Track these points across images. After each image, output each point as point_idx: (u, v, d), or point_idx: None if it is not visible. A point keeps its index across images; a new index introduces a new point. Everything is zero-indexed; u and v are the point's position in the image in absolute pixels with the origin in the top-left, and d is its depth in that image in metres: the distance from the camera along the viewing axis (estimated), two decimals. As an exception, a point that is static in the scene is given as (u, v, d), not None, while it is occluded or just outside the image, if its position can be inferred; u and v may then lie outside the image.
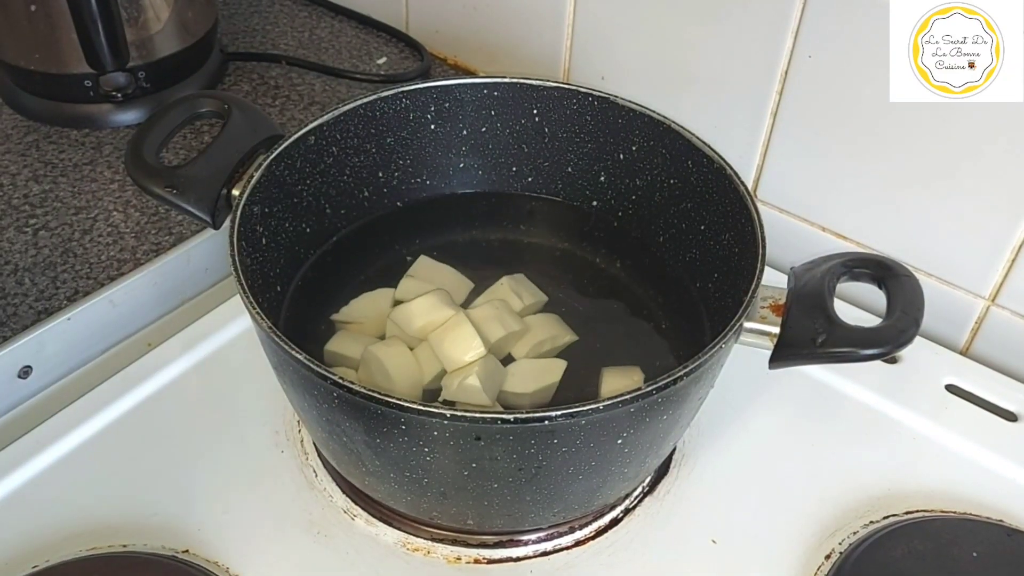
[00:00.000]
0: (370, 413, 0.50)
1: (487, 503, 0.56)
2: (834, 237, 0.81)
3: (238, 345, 0.73)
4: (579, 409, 0.49)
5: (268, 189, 0.63)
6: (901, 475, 0.67)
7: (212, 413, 0.69)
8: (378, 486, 0.59)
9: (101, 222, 0.80)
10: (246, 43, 1.05)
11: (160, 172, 0.62)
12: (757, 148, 0.81)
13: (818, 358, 0.56)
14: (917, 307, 0.56)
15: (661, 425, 0.55)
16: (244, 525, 0.62)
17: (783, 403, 0.71)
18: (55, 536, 0.60)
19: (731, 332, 0.53)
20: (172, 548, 0.60)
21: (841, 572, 0.60)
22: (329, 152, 0.68)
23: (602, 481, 0.57)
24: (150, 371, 0.71)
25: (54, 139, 0.89)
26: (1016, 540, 0.62)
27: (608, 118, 0.69)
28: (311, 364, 0.50)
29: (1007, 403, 0.72)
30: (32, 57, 0.87)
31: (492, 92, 0.71)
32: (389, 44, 1.06)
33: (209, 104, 0.67)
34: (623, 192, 0.72)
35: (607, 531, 0.63)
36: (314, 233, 0.69)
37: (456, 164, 0.74)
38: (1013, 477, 0.67)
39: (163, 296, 0.78)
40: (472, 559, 0.61)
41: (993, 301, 0.75)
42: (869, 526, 0.63)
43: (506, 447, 0.51)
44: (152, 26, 0.89)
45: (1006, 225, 0.71)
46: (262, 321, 0.52)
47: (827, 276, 0.57)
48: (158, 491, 0.64)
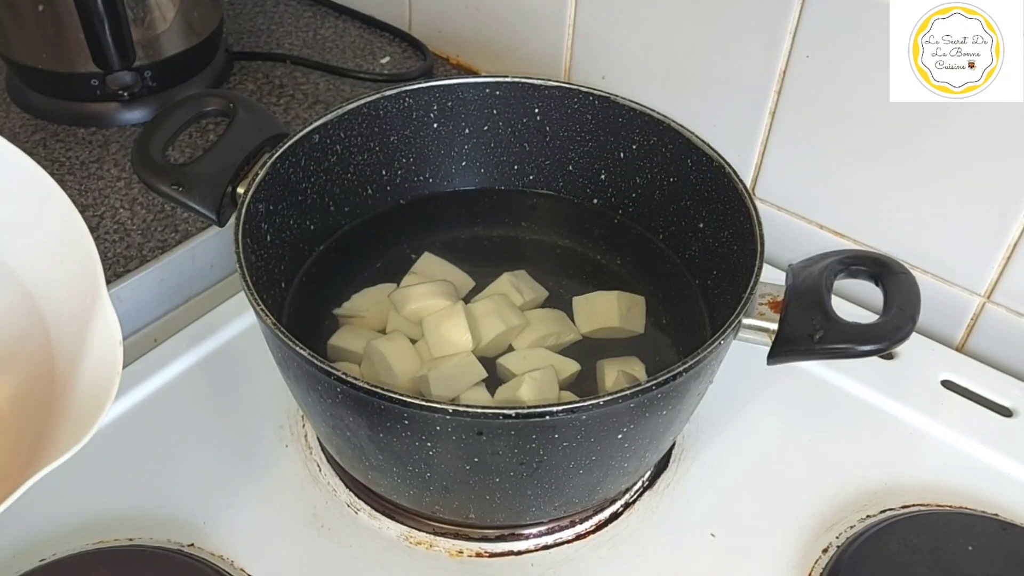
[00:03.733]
0: (373, 408, 0.51)
1: (489, 497, 0.57)
2: (832, 235, 0.81)
3: (243, 341, 0.74)
4: (580, 404, 0.49)
5: (273, 187, 0.64)
6: (897, 470, 0.67)
7: (217, 408, 0.70)
8: (381, 480, 0.59)
9: (108, 219, 0.81)
10: (251, 43, 1.05)
11: (166, 170, 0.63)
12: (756, 147, 0.82)
13: (816, 354, 0.56)
14: (913, 304, 0.56)
15: (661, 420, 0.56)
16: (249, 519, 0.63)
17: (781, 399, 0.72)
18: (62, 529, 0.61)
19: (730, 328, 0.54)
20: (178, 541, 0.61)
21: (838, 565, 0.60)
22: (333, 150, 0.68)
23: (602, 475, 0.57)
24: (156, 366, 0.71)
25: (61, 137, 0.90)
26: (1011, 534, 0.62)
27: (609, 117, 0.70)
28: (315, 360, 0.51)
29: (1002, 398, 0.72)
30: (40, 56, 0.88)
31: (494, 91, 0.71)
32: (392, 44, 1.07)
33: (215, 103, 0.67)
34: (623, 190, 0.72)
35: (607, 525, 0.64)
36: (318, 230, 0.70)
37: (458, 162, 0.74)
38: (1008, 472, 0.67)
39: (169, 292, 0.78)
40: (474, 552, 0.62)
41: (988, 298, 0.76)
42: (866, 520, 0.64)
43: (508, 442, 0.51)
44: (158, 26, 0.89)
45: (1001, 224, 0.71)
46: (266, 317, 0.53)
47: (825, 273, 0.58)
48: (164, 485, 0.64)
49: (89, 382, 0.51)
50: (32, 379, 0.56)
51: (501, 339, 0.64)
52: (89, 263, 0.54)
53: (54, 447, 0.49)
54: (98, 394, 0.50)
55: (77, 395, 0.52)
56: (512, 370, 0.62)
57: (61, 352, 0.55)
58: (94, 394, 0.50)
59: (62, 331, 0.55)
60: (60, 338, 0.55)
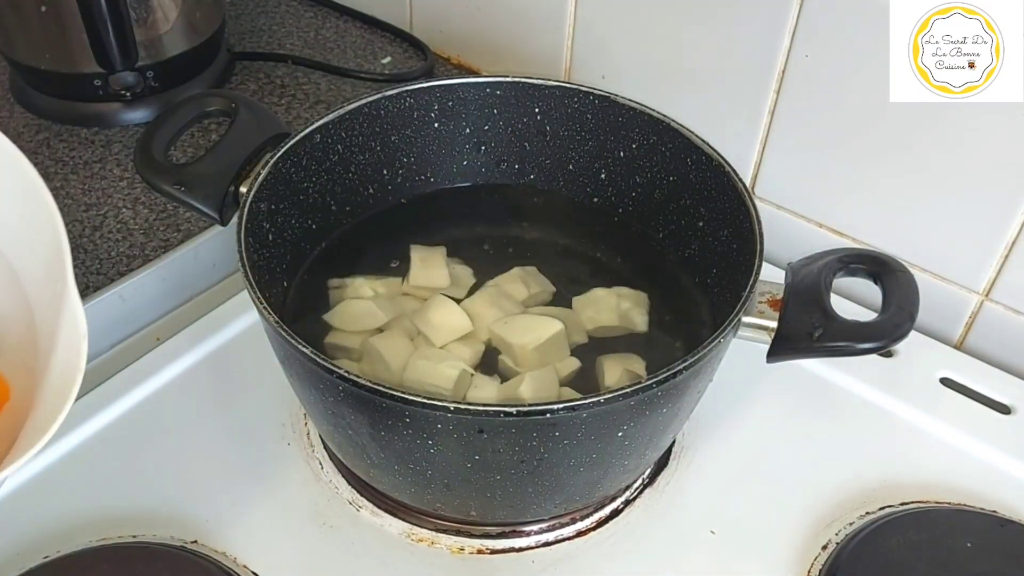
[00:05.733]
0: (375, 406, 0.51)
1: (490, 495, 0.57)
2: (831, 233, 0.82)
3: (245, 339, 0.74)
4: (581, 402, 0.50)
5: (275, 186, 0.64)
6: (896, 467, 0.68)
7: (220, 406, 0.70)
8: (383, 478, 0.60)
9: (111, 219, 0.81)
10: (253, 43, 1.06)
11: (169, 170, 0.63)
12: (755, 146, 0.82)
13: (815, 352, 0.56)
14: (912, 302, 0.56)
15: (661, 418, 0.56)
16: (251, 516, 0.63)
17: (780, 396, 0.72)
18: (66, 526, 0.61)
19: (730, 326, 0.54)
20: (181, 539, 0.61)
21: (838, 562, 0.60)
22: (335, 150, 0.68)
23: (603, 473, 0.58)
24: (159, 365, 0.72)
25: (64, 137, 0.90)
26: (1009, 530, 0.62)
27: (609, 116, 0.70)
28: (317, 358, 0.51)
29: (1000, 396, 0.73)
30: (43, 57, 0.88)
31: (495, 91, 0.71)
32: (393, 44, 1.07)
33: (217, 103, 0.68)
34: (623, 189, 0.72)
35: (608, 522, 0.64)
36: (320, 229, 0.70)
37: (459, 161, 0.74)
38: (1006, 469, 0.68)
39: (171, 291, 0.78)
40: (475, 549, 0.62)
41: (987, 296, 0.76)
42: (865, 517, 0.64)
43: (509, 440, 0.52)
44: (161, 26, 0.90)
45: (999, 222, 0.72)
46: (269, 316, 0.53)
47: (824, 271, 0.58)
48: (167, 483, 0.65)
49: (57, 375, 0.50)
50: (21, 368, 0.55)
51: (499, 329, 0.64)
52: (59, 249, 0.52)
53: (24, 444, 0.47)
54: (62, 390, 0.48)
55: (48, 387, 0.50)
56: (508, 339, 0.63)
57: (42, 338, 0.53)
58: (59, 389, 0.49)
59: (43, 316, 0.54)
60: (41, 323, 0.54)
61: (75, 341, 0.50)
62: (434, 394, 0.54)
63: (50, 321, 0.52)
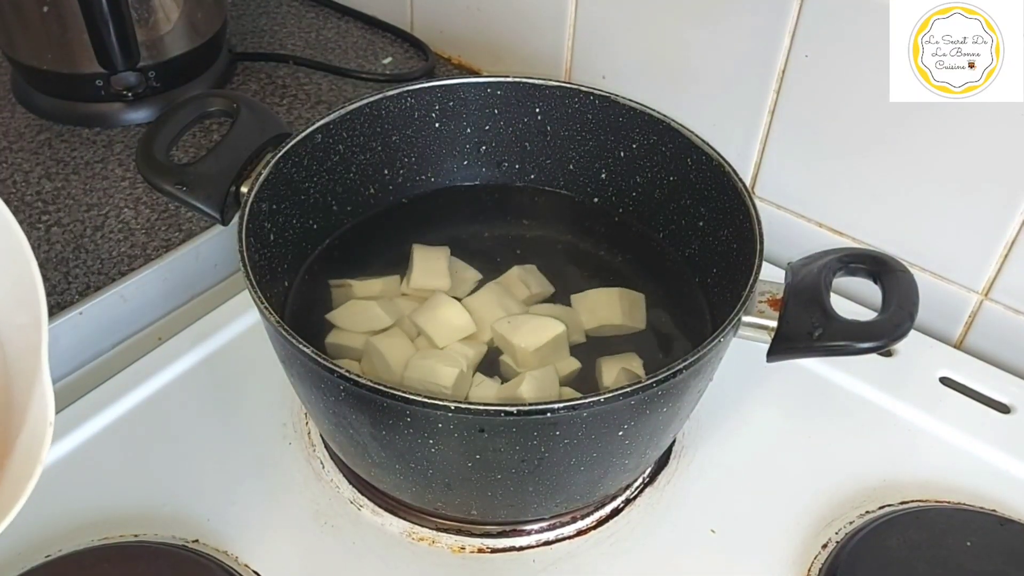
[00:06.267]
0: (376, 405, 0.51)
1: (491, 494, 0.57)
2: (831, 233, 0.82)
3: (246, 339, 0.74)
4: (581, 402, 0.50)
5: (276, 186, 0.64)
6: (896, 466, 0.68)
7: (221, 406, 0.70)
8: (384, 477, 0.60)
9: (112, 219, 0.82)
10: (254, 43, 1.06)
11: (170, 170, 0.63)
12: (755, 145, 0.82)
13: (815, 351, 0.57)
14: (912, 302, 0.56)
15: (661, 417, 0.56)
16: (252, 515, 0.63)
17: (780, 396, 0.72)
18: (68, 526, 0.61)
19: (730, 326, 0.54)
20: (182, 538, 0.61)
21: (837, 561, 0.60)
22: (336, 150, 0.69)
23: (603, 472, 0.58)
24: (160, 365, 0.72)
25: (66, 137, 0.90)
26: (1009, 529, 0.62)
27: (609, 116, 0.70)
28: (318, 357, 0.51)
29: (1000, 395, 0.73)
30: (44, 57, 0.88)
31: (495, 91, 0.71)
32: (394, 44, 1.07)
33: (218, 103, 0.68)
34: (624, 189, 0.73)
35: (608, 521, 0.64)
36: (321, 229, 0.70)
37: (460, 161, 0.74)
38: (1006, 468, 0.68)
39: (173, 291, 0.78)
40: (476, 548, 0.62)
41: (986, 296, 0.76)
42: (865, 516, 0.64)
43: (509, 439, 0.52)
44: (162, 27, 0.90)
45: (999, 222, 0.72)
46: (270, 315, 0.53)
47: (824, 271, 0.58)
48: (168, 482, 0.65)
49: (18, 465, 0.47)
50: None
51: (501, 328, 0.64)
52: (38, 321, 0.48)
53: None
54: (20, 478, 0.45)
55: (10, 473, 0.47)
56: (509, 337, 0.63)
57: (15, 405, 0.49)
58: (17, 478, 0.46)
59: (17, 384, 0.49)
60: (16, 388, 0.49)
61: (40, 428, 0.46)
62: (435, 394, 0.54)
63: (23, 398, 0.48)
